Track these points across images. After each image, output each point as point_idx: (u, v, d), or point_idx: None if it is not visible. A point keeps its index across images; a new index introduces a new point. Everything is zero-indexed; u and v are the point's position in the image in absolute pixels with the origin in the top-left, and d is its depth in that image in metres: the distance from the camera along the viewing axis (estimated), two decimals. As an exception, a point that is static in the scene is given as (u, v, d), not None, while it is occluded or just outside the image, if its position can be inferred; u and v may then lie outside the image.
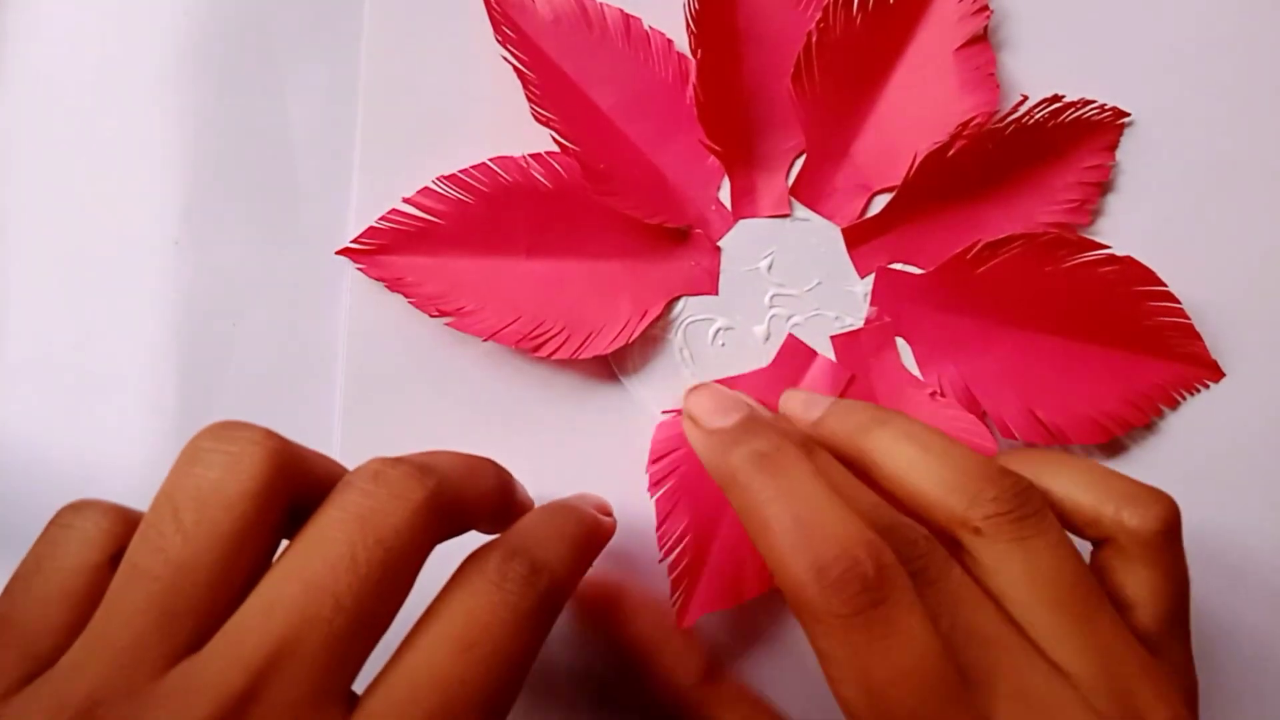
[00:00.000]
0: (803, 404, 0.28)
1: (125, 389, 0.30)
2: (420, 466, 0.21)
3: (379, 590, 0.19)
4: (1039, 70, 0.31)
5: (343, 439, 0.30)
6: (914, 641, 0.19)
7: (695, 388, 0.29)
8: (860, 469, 0.25)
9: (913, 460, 0.23)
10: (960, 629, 0.21)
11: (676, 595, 0.30)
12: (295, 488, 0.20)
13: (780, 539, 0.20)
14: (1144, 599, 0.23)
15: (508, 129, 0.30)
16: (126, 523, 0.20)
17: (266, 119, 0.31)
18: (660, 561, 0.30)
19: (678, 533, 0.30)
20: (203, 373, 0.31)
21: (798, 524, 0.20)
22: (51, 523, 0.21)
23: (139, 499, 0.30)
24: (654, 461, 0.30)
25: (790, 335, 0.31)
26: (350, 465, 0.30)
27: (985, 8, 0.30)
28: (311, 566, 0.19)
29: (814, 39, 0.29)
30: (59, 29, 0.31)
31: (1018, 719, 0.20)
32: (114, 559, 0.20)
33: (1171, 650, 0.23)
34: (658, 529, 0.30)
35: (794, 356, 0.31)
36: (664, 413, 0.30)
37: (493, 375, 0.30)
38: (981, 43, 0.30)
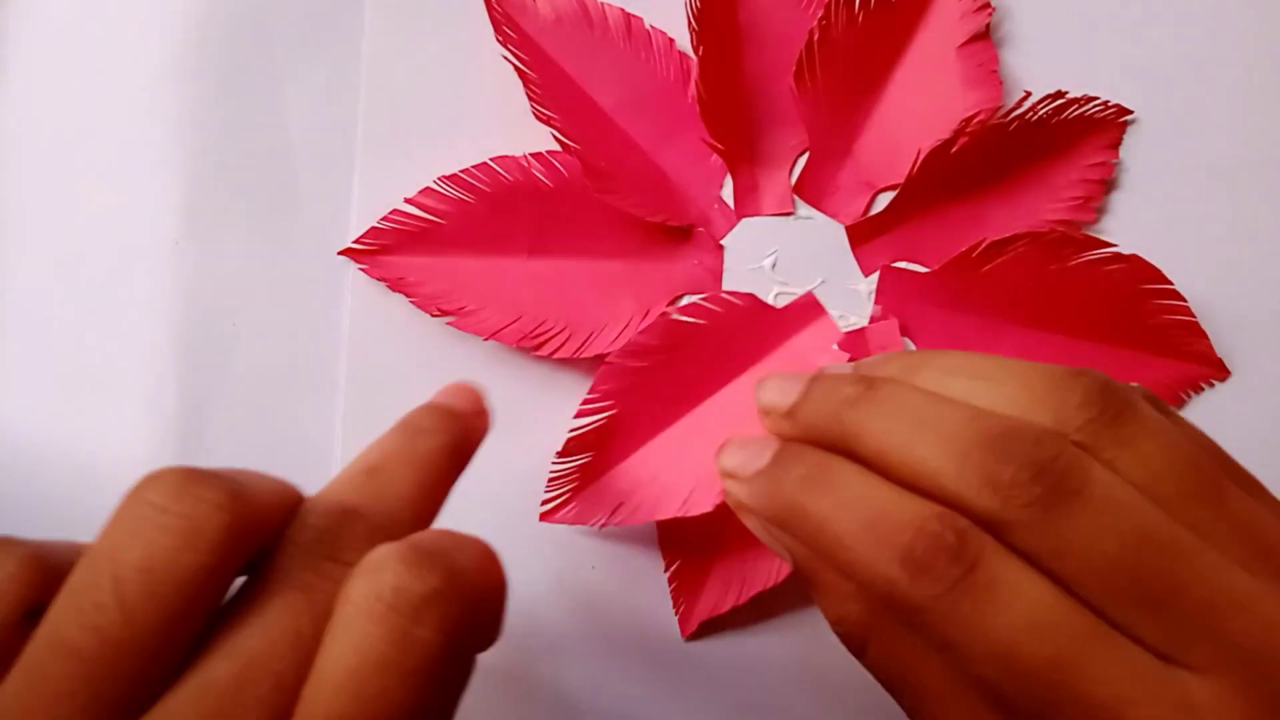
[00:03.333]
0: (779, 391, 0.24)
1: (125, 389, 0.30)
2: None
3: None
4: (1041, 67, 0.31)
5: (344, 439, 0.30)
6: (1024, 592, 0.18)
7: (723, 445, 0.25)
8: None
9: (968, 394, 0.20)
10: (1131, 538, 0.18)
11: (679, 605, 0.30)
12: (252, 552, 0.18)
13: (858, 549, 0.19)
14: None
15: (508, 129, 0.30)
16: (44, 573, 0.18)
17: (266, 119, 0.31)
18: (665, 571, 0.30)
19: (682, 540, 0.30)
20: (203, 373, 0.30)
21: (868, 527, 0.19)
22: None
23: None
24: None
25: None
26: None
27: (987, 5, 0.30)
28: (256, 638, 0.17)
29: (816, 37, 0.29)
30: (59, 29, 0.31)
31: (1219, 631, 0.18)
32: (29, 615, 0.17)
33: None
34: (660, 537, 0.30)
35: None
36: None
37: (494, 375, 0.30)
38: (984, 40, 0.30)
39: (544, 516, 0.29)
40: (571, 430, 0.29)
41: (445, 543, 0.18)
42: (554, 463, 0.29)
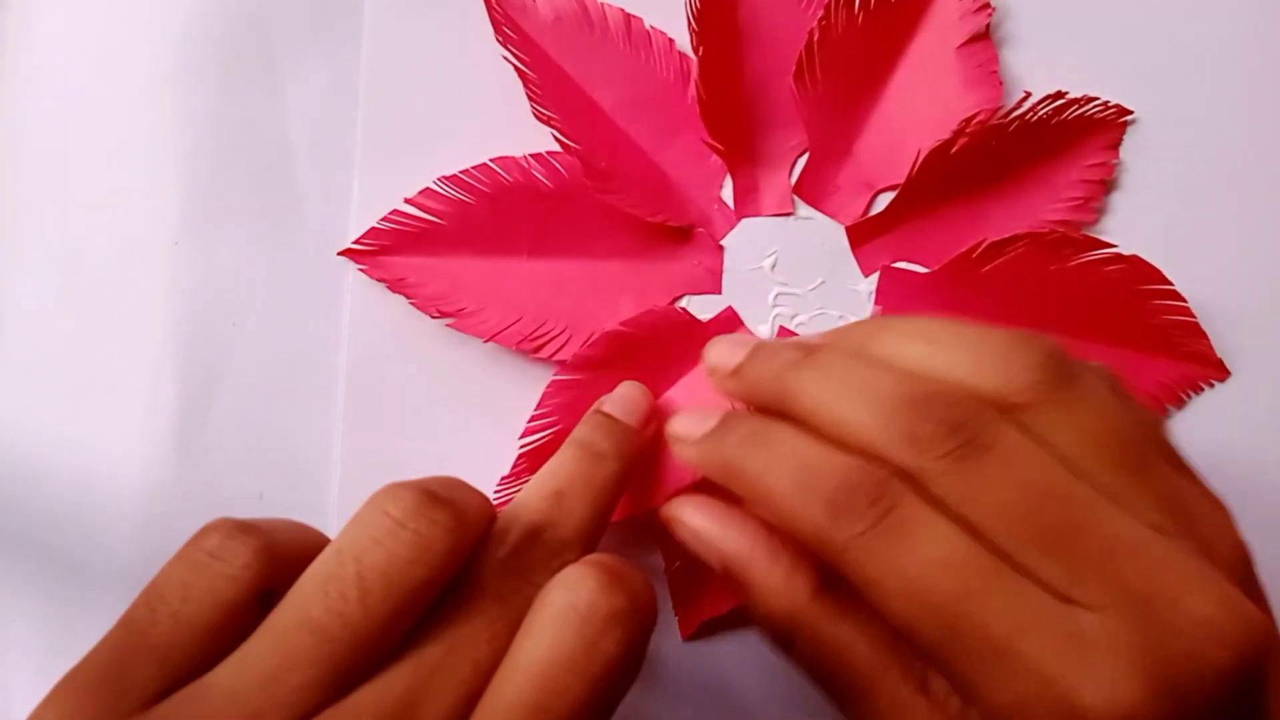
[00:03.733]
0: (727, 352, 0.26)
1: (125, 389, 0.30)
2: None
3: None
4: (1041, 67, 0.31)
5: (344, 439, 0.30)
6: (935, 533, 0.19)
7: (674, 415, 0.27)
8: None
9: (922, 357, 0.22)
10: (1033, 489, 0.20)
11: (679, 605, 0.30)
12: (456, 571, 0.21)
13: (787, 498, 0.21)
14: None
15: (508, 129, 0.30)
16: (275, 561, 0.21)
17: (266, 119, 0.31)
18: (665, 571, 0.30)
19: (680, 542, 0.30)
20: (203, 373, 0.30)
21: (796, 478, 0.21)
22: (197, 546, 0.21)
23: (138, 499, 0.30)
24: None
25: (781, 328, 0.31)
26: (350, 465, 0.30)
27: (987, 5, 0.30)
28: (459, 632, 0.21)
29: (815, 37, 0.29)
30: (59, 29, 0.31)
31: (1112, 573, 0.19)
32: (259, 598, 0.20)
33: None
34: (660, 538, 0.30)
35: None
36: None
37: (494, 376, 0.30)
38: (984, 40, 0.30)
39: None
40: (521, 447, 0.29)
41: (626, 569, 0.21)
42: (498, 487, 0.30)
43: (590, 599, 0.20)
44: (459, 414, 0.30)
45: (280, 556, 0.21)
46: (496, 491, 0.30)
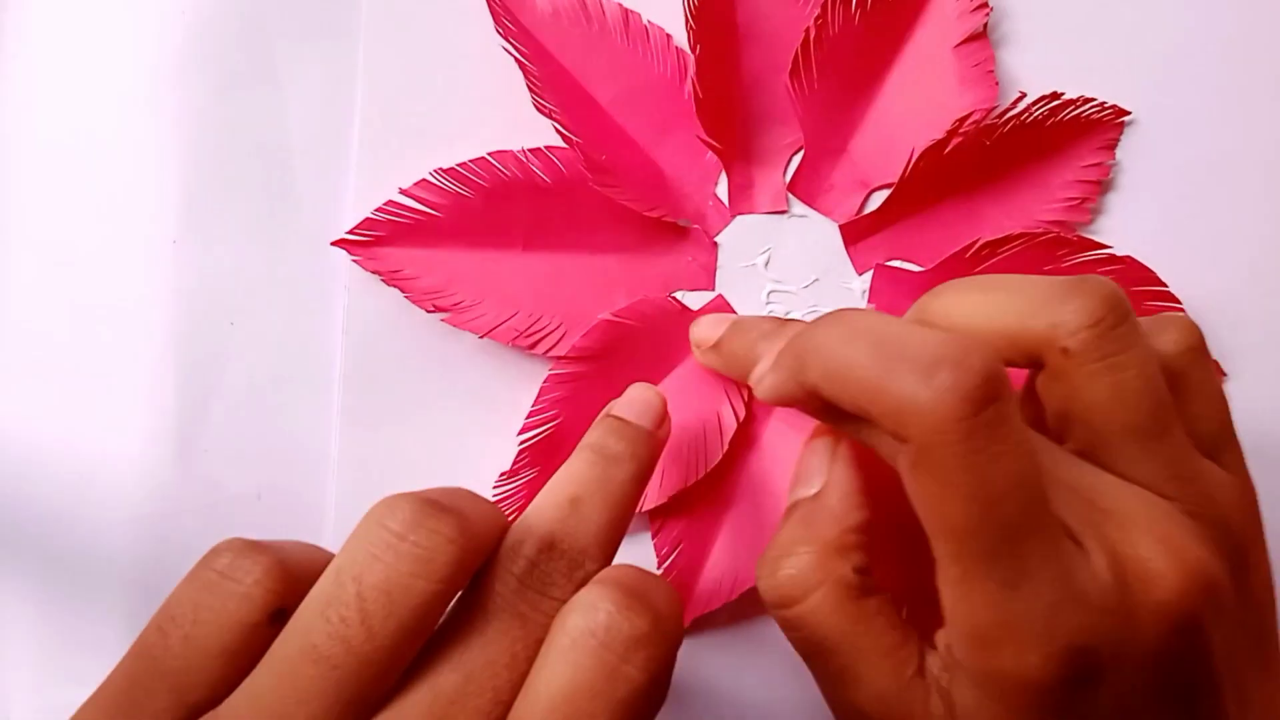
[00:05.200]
0: (709, 328, 0.27)
1: (125, 389, 0.30)
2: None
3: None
4: (1038, 67, 0.31)
5: (341, 437, 0.30)
6: (1025, 444, 0.18)
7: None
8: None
9: (977, 305, 0.21)
10: (1013, 477, 0.19)
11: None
12: (470, 576, 0.20)
13: (871, 369, 0.19)
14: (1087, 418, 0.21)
15: (506, 128, 0.30)
16: (286, 579, 0.20)
17: (265, 118, 0.31)
18: (659, 567, 0.30)
19: (673, 536, 0.30)
20: (202, 372, 0.30)
21: (883, 350, 0.19)
22: (208, 566, 0.20)
23: (138, 498, 0.30)
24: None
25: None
26: (347, 464, 0.30)
27: (984, 4, 0.30)
28: (477, 657, 0.20)
29: (812, 35, 0.29)
30: (58, 29, 0.31)
31: (1114, 537, 0.19)
32: (273, 618, 0.20)
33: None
34: (653, 535, 0.30)
35: None
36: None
37: (491, 370, 0.30)
38: (980, 39, 0.30)
39: None
40: (521, 444, 0.29)
41: (647, 584, 0.21)
42: (498, 484, 0.30)
43: (609, 623, 0.19)
44: (457, 410, 0.30)
45: (292, 574, 0.20)
46: (496, 488, 0.30)
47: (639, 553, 0.30)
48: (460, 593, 0.21)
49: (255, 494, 0.30)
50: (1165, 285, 0.30)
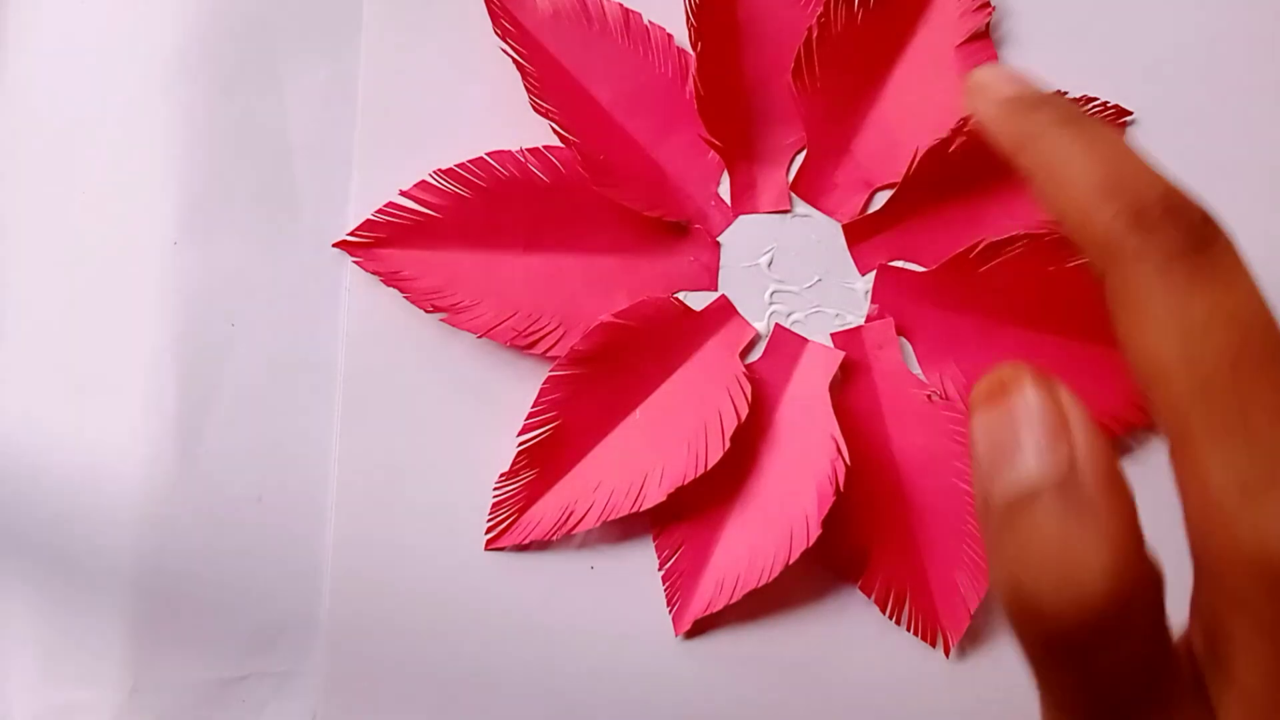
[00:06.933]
0: (1001, 82, 0.21)
1: (125, 389, 0.30)
2: None
3: None
4: (1041, 67, 0.31)
5: (342, 438, 0.30)
6: (1239, 286, 0.17)
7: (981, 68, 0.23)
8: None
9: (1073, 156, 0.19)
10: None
11: (673, 602, 0.30)
12: None
13: (1090, 187, 0.18)
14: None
15: (506, 128, 0.30)
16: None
17: (266, 119, 0.31)
18: (660, 569, 0.30)
19: (675, 538, 0.30)
20: (202, 373, 0.30)
21: (1109, 172, 0.18)
22: None
23: (138, 499, 0.30)
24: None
25: (778, 325, 0.31)
26: (347, 466, 0.30)
27: (987, 4, 0.30)
28: None
29: (814, 34, 0.29)
30: (59, 29, 0.31)
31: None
32: None
33: None
34: (654, 537, 0.30)
35: (783, 346, 0.31)
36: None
37: (492, 371, 0.30)
38: (983, 39, 0.30)
39: (490, 545, 0.30)
40: (520, 445, 0.29)
41: None
42: (498, 485, 0.29)
43: None
44: (459, 410, 0.30)
45: None
46: (496, 488, 0.30)
47: (640, 555, 0.30)
48: None
49: (256, 495, 0.30)
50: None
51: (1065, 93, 0.29)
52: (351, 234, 0.30)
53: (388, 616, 0.30)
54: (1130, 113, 0.31)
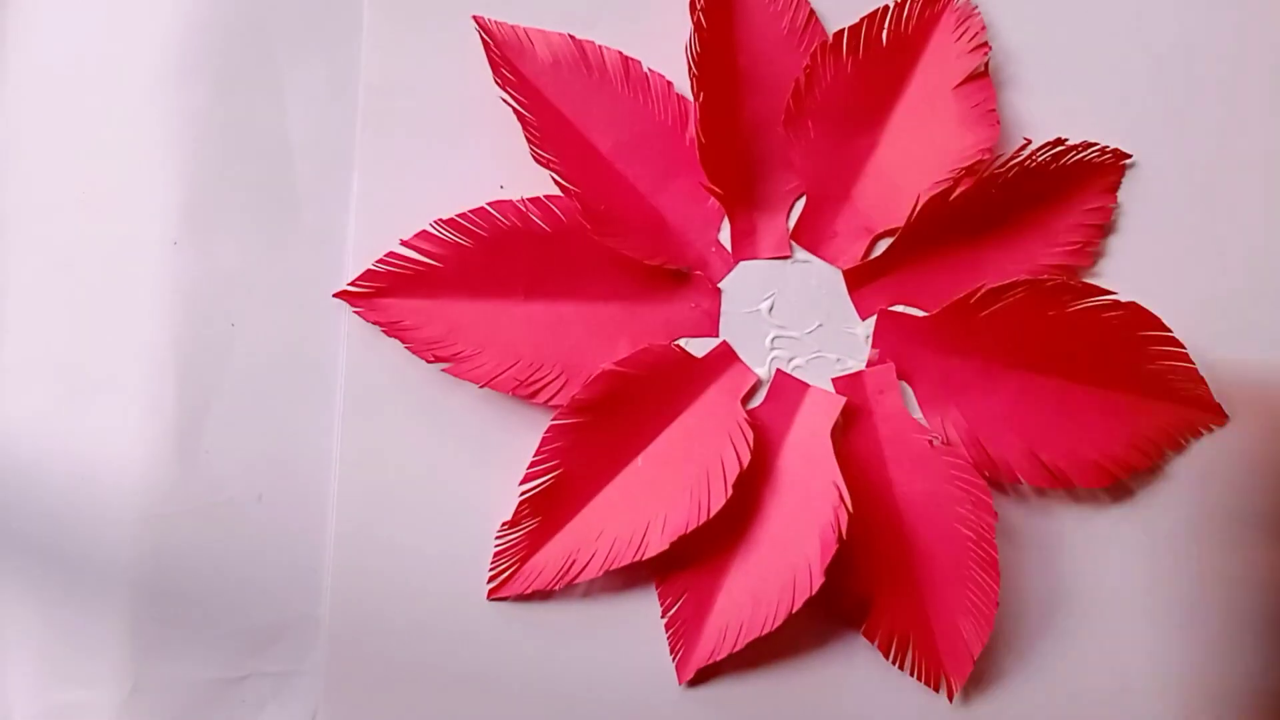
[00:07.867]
0: None
1: (125, 389, 0.30)
2: None
3: None
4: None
5: (342, 439, 0.30)
6: None
7: None
8: None
9: None
10: None
11: (676, 650, 0.30)
12: None
13: None
14: None
15: (506, 129, 0.29)
16: None
17: (265, 120, 0.31)
18: (663, 617, 0.30)
19: (678, 586, 0.30)
20: (201, 373, 0.30)
21: None
22: None
23: (138, 499, 0.30)
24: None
25: (779, 370, 0.31)
26: (349, 468, 0.30)
27: (984, 44, 0.30)
28: None
29: (801, 84, 0.29)
30: (58, 29, 0.31)
31: None
32: None
33: None
34: (657, 584, 0.30)
35: (785, 392, 0.31)
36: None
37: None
38: (981, 79, 0.30)
39: (493, 594, 0.30)
40: (522, 494, 0.29)
41: None
42: (499, 535, 0.29)
43: None
44: (458, 411, 0.30)
45: None
46: (498, 537, 0.29)
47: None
48: None
49: (256, 495, 0.30)
50: (1169, 330, 0.30)
51: (1066, 139, 0.29)
52: (352, 284, 0.30)
53: (388, 617, 0.30)
54: (1129, 156, 0.31)
